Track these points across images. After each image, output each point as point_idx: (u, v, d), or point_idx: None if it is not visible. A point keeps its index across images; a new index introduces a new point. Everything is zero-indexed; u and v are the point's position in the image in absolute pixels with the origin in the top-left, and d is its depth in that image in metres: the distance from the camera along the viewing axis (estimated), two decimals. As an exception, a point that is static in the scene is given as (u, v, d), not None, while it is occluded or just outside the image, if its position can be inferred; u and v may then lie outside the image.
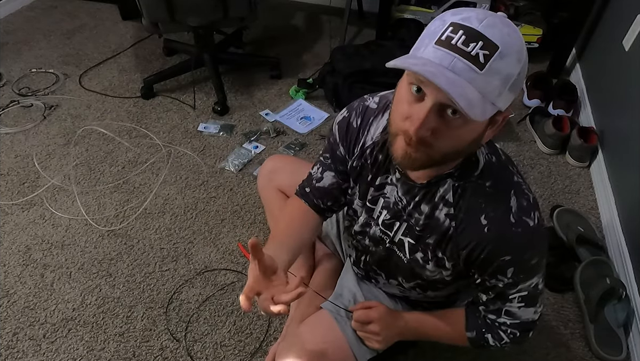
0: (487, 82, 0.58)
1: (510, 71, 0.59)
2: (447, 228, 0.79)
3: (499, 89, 0.59)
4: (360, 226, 0.96)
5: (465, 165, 0.76)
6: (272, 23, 2.66)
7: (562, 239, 1.48)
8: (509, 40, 0.59)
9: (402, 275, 0.94)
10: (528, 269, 0.78)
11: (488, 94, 0.59)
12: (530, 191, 0.78)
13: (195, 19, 1.80)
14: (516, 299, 0.81)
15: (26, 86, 2.12)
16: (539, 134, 1.89)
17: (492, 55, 0.57)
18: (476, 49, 0.57)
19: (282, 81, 2.20)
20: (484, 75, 0.58)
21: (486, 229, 0.75)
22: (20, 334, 1.25)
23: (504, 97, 0.61)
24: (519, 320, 0.85)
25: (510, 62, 0.59)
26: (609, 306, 1.28)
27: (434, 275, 0.87)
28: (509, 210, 0.74)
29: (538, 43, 2.23)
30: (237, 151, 1.81)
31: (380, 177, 0.86)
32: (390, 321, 0.97)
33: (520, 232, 0.74)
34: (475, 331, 0.89)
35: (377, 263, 0.98)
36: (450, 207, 0.78)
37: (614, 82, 1.77)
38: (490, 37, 0.58)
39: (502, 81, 0.59)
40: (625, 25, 1.69)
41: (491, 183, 0.76)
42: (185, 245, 1.48)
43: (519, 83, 0.62)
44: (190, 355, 1.21)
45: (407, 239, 0.86)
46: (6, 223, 1.54)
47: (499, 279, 0.79)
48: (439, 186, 0.78)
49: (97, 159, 1.77)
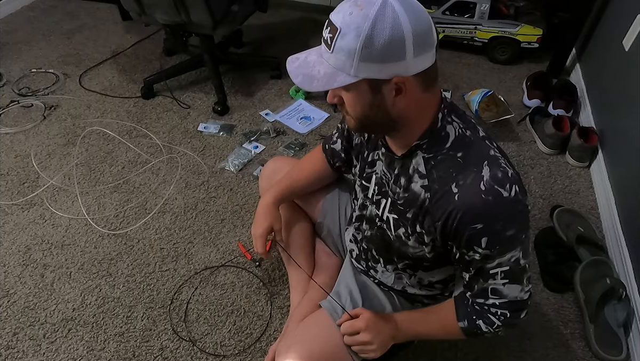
0: (337, 59, 0.70)
1: (350, 46, 0.68)
2: (422, 200, 0.81)
3: (348, 62, 0.69)
4: (359, 209, 1.00)
5: (433, 137, 0.79)
6: (272, 23, 2.66)
7: (562, 239, 1.48)
8: (349, 20, 0.67)
9: (395, 255, 0.96)
10: (503, 241, 0.77)
11: (340, 68, 0.71)
12: (510, 167, 0.78)
13: (162, 17, 1.80)
14: (498, 275, 0.80)
15: (26, 86, 2.12)
16: (539, 134, 1.89)
17: (334, 36, 0.69)
18: (327, 33, 0.71)
19: (282, 81, 2.20)
20: (334, 53, 0.70)
21: (456, 197, 0.76)
22: (20, 334, 1.25)
23: (361, 67, 0.69)
24: (507, 299, 0.83)
25: (349, 38, 0.68)
26: (609, 306, 1.28)
27: (416, 252, 0.89)
28: (480, 178, 0.75)
29: (538, 43, 2.23)
30: (237, 151, 1.81)
31: (372, 153, 0.93)
32: (381, 326, 0.94)
33: (490, 200, 0.74)
34: (467, 320, 0.88)
35: (375, 247, 1.00)
36: (424, 178, 0.81)
37: (614, 82, 1.77)
38: (334, 21, 0.69)
39: (347, 56, 0.69)
40: (625, 25, 1.69)
41: (463, 154, 0.78)
42: (185, 245, 1.48)
43: (373, 53, 0.68)
44: (190, 355, 1.22)
45: (392, 215, 0.89)
46: (6, 223, 1.54)
47: (475, 250, 0.78)
48: (411, 158, 0.82)
49: (97, 159, 1.77)
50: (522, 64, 2.34)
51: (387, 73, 0.70)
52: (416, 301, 1.06)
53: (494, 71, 2.31)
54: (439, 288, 1.02)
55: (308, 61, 0.75)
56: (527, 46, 2.26)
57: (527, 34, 2.22)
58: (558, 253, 1.44)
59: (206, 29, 1.84)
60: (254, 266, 1.42)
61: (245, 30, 2.47)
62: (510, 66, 2.34)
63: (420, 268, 0.96)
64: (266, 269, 1.41)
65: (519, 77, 2.24)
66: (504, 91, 2.15)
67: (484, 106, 1.93)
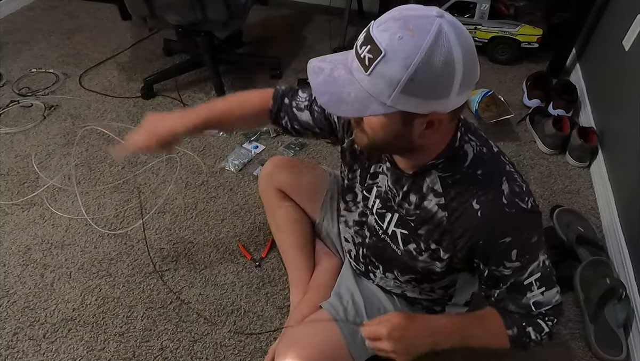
0: (374, 84, 0.63)
1: (394, 75, 0.61)
2: (440, 219, 0.80)
3: (387, 91, 0.62)
4: (359, 215, 0.99)
5: (451, 157, 0.78)
6: (272, 23, 2.66)
7: (562, 239, 1.48)
8: (397, 45, 0.60)
9: (397, 268, 0.95)
10: (532, 248, 0.77)
11: (375, 94, 0.63)
12: (523, 181, 0.79)
13: (174, 18, 1.79)
14: (534, 285, 0.79)
15: (26, 86, 2.12)
16: (539, 134, 1.89)
17: (375, 59, 0.61)
18: (364, 52, 0.62)
19: (282, 81, 2.20)
20: (371, 77, 0.62)
21: (479, 213, 0.75)
22: (20, 334, 1.25)
23: (400, 99, 0.63)
24: (551, 304, 0.81)
25: (394, 66, 0.61)
26: (609, 306, 1.28)
27: (427, 266, 0.88)
28: (501, 193, 0.75)
29: (538, 43, 2.24)
30: (237, 151, 1.81)
31: (374, 165, 0.90)
32: (410, 333, 0.80)
33: (514, 212, 0.74)
34: (516, 327, 0.81)
35: (374, 254, 0.99)
36: (440, 197, 0.79)
37: (614, 82, 1.77)
38: (379, 41, 0.61)
39: (387, 84, 0.62)
40: (625, 25, 1.69)
41: (482, 171, 0.77)
42: (185, 245, 1.48)
43: (418, 88, 0.62)
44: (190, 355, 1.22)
45: (400, 230, 0.88)
46: (6, 223, 1.54)
47: (507, 266, 0.77)
48: (424, 177, 0.80)
49: (97, 159, 1.77)
50: (522, 64, 2.34)
51: (426, 109, 0.65)
52: (416, 303, 1.06)
53: (494, 71, 2.31)
54: (439, 294, 1.02)
55: (335, 77, 0.66)
56: (527, 46, 2.26)
57: (527, 34, 2.22)
58: (558, 253, 1.44)
59: (219, 25, 1.83)
60: (254, 266, 1.42)
61: (245, 30, 2.47)
62: (510, 66, 2.34)
63: (426, 281, 0.95)
64: (266, 269, 1.41)
65: (519, 77, 2.24)
66: (504, 91, 2.15)
67: (484, 106, 1.93)
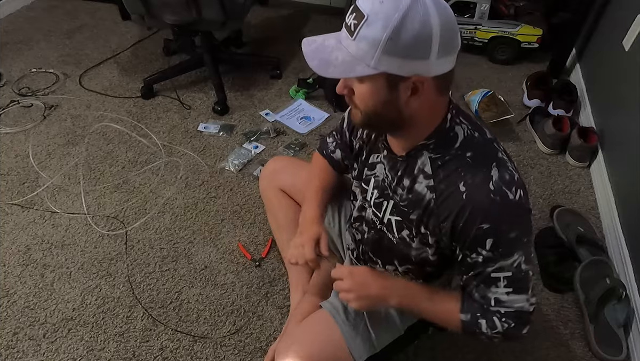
0: (358, 47, 0.68)
1: (375, 36, 0.65)
2: (427, 201, 0.80)
3: (370, 52, 0.67)
4: (357, 210, 1.00)
5: (441, 137, 0.78)
6: (272, 23, 2.66)
7: (562, 239, 1.48)
8: (379, 8, 0.65)
9: (395, 258, 0.95)
10: (507, 243, 0.77)
11: (360, 57, 0.68)
12: (516, 171, 0.78)
13: (171, 17, 1.79)
14: (501, 281, 0.79)
15: (26, 86, 2.12)
16: (539, 134, 1.89)
17: (359, 23, 0.67)
18: (351, 19, 0.68)
19: (282, 81, 2.20)
20: (356, 41, 0.68)
21: (464, 196, 0.75)
22: (20, 334, 1.25)
23: (383, 60, 0.67)
24: (513, 308, 0.81)
25: (375, 27, 0.65)
26: (609, 306, 1.28)
27: (419, 253, 0.89)
28: (489, 178, 0.75)
29: (538, 43, 2.23)
30: (237, 151, 1.81)
31: (372, 156, 0.92)
32: (369, 280, 0.89)
33: (498, 200, 0.74)
34: (470, 314, 0.84)
35: (372, 249, 1.00)
36: (429, 178, 0.80)
37: (614, 82, 1.77)
38: (362, 7, 0.67)
39: (369, 45, 0.66)
40: (625, 25, 1.69)
41: (472, 154, 0.77)
42: (185, 245, 1.48)
43: (398, 46, 0.65)
44: (190, 355, 1.22)
45: (394, 217, 0.89)
46: (6, 222, 1.54)
47: (479, 252, 0.77)
48: (417, 158, 0.81)
49: (97, 159, 1.77)
50: (522, 64, 2.34)
51: (408, 70, 0.68)
52: None
53: (494, 71, 2.31)
54: None
55: (326, 45, 0.72)
56: (527, 46, 2.26)
57: (527, 34, 2.22)
58: (558, 253, 1.44)
59: (216, 25, 1.83)
60: (254, 266, 1.42)
61: (245, 30, 2.47)
62: (510, 66, 2.33)
63: (424, 273, 0.95)
64: (266, 269, 1.41)
65: (519, 77, 2.24)
66: (504, 91, 2.15)
67: (484, 106, 1.93)
